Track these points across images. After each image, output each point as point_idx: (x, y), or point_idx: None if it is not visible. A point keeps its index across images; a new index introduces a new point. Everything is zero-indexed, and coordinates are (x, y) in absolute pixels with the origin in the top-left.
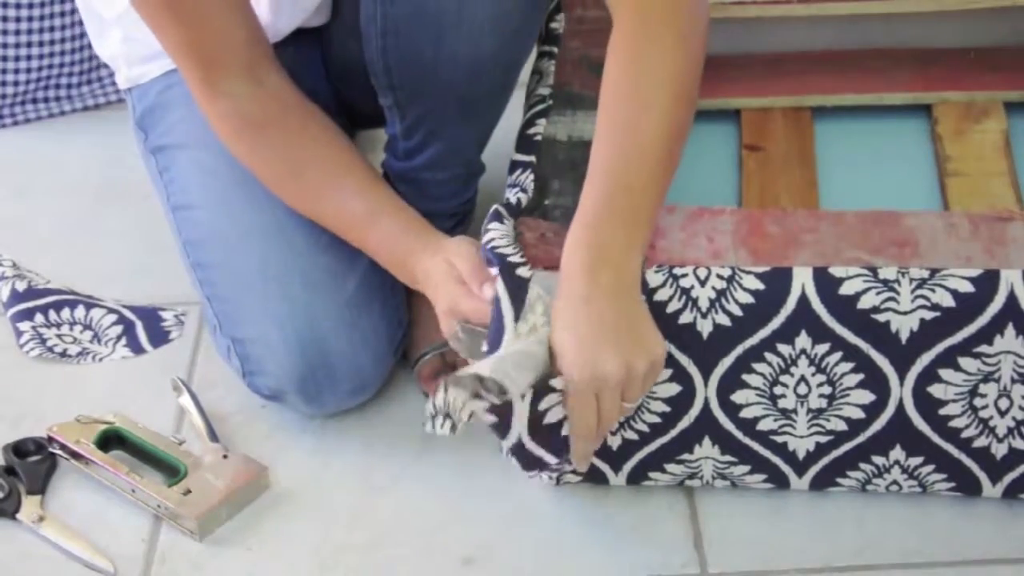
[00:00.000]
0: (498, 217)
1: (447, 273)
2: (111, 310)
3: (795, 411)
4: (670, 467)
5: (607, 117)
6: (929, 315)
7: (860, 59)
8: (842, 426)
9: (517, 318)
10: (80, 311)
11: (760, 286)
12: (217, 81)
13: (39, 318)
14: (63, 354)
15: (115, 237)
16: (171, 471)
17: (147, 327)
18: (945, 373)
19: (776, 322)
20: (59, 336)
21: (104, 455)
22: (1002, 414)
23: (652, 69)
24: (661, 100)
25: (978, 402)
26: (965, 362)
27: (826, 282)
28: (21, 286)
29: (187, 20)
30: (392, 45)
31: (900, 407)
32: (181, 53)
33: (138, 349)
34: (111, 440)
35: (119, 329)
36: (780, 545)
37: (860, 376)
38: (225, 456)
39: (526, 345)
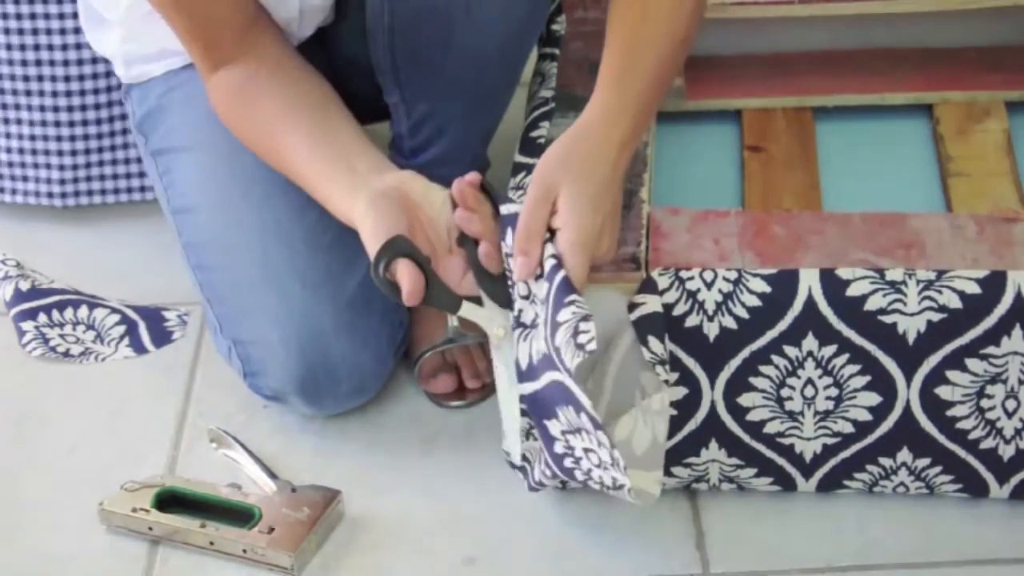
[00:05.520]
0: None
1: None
2: (114, 310)
3: (802, 413)
4: (676, 470)
5: (612, 27)
6: (936, 317)
7: (861, 59)
8: (849, 428)
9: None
10: (83, 311)
11: (767, 288)
12: (218, 60)
13: (42, 318)
14: (66, 354)
15: (119, 237)
16: (243, 516)
17: (150, 327)
18: (952, 375)
19: (783, 324)
20: (62, 336)
21: (171, 516)
22: (1009, 415)
23: None
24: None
25: (985, 403)
26: (972, 364)
27: (833, 284)
28: (25, 286)
29: (189, 11)
30: (400, 42)
31: (907, 409)
32: (186, 39)
33: (141, 349)
34: (166, 501)
35: (122, 329)
36: (782, 545)
37: (867, 378)
38: (294, 490)
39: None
